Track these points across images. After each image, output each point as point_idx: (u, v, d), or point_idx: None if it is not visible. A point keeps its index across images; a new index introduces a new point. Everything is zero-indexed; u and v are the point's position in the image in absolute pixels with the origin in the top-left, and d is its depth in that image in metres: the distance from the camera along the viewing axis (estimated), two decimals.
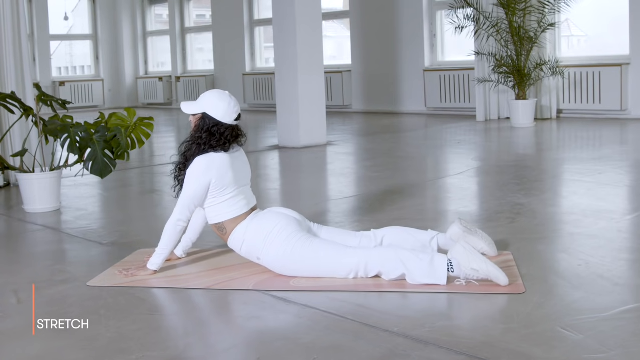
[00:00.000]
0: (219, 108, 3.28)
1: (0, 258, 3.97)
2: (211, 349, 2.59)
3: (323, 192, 5.72)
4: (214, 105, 3.29)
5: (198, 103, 3.33)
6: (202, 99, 3.33)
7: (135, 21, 16.20)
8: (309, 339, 2.58)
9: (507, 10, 9.38)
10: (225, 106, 3.29)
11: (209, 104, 3.30)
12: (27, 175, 4.95)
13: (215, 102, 3.29)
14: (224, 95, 3.32)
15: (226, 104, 3.29)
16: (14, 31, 6.07)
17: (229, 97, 3.32)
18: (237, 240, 3.30)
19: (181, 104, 3.38)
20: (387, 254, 3.10)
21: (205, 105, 3.30)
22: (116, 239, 4.19)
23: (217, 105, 3.28)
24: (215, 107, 3.28)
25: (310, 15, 7.93)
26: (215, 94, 3.33)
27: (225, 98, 3.31)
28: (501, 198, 4.90)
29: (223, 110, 3.28)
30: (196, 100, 3.38)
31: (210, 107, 3.29)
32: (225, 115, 3.29)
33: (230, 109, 3.29)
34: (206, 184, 3.24)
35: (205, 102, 3.31)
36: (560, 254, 3.56)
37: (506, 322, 2.68)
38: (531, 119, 9.39)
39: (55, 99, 5.17)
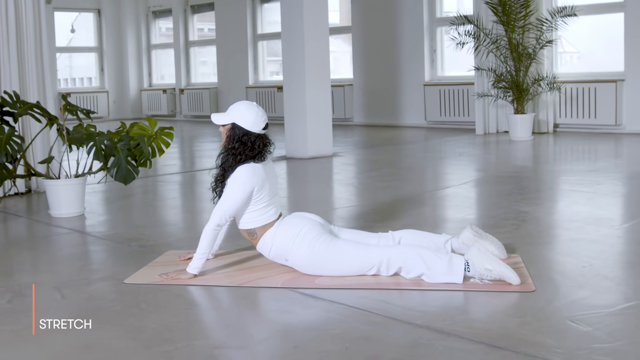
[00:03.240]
0: (247, 118, 3.51)
1: (36, 259, 4.19)
2: (250, 339, 2.81)
3: (334, 200, 5.95)
4: (243, 115, 3.51)
5: (227, 114, 3.55)
6: (231, 110, 3.55)
7: (140, 34, 16.46)
8: (339, 330, 2.80)
9: (506, 28, 9.68)
10: (253, 116, 3.51)
11: (237, 114, 3.52)
12: (53, 181, 5.17)
13: (243, 112, 3.52)
14: (252, 105, 3.55)
15: (254, 113, 3.52)
16: (36, 43, 6.30)
17: (256, 107, 3.55)
18: (266, 244, 3.53)
19: (212, 116, 3.60)
20: (408, 251, 3.34)
21: (234, 116, 3.52)
22: (142, 241, 4.41)
23: (246, 115, 3.51)
24: (243, 117, 3.51)
25: (317, 31, 8.20)
26: (243, 105, 3.55)
27: (253, 108, 3.53)
28: (506, 206, 5.14)
29: (252, 120, 3.51)
30: (225, 111, 3.60)
31: (239, 117, 3.51)
32: (253, 124, 3.51)
33: (258, 119, 3.52)
34: (249, 192, 3.46)
35: (234, 113, 3.53)
36: (565, 257, 3.79)
37: (520, 316, 2.92)
38: (529, 133, 9.66)
39: (80, 109, 5.41)
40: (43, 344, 2.75)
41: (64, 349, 2.69)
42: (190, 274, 3.51)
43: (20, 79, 6.21)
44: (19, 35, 6.21)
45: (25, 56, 6.24)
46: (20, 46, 6.22)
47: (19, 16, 6.20)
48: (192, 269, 3.51)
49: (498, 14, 9.70)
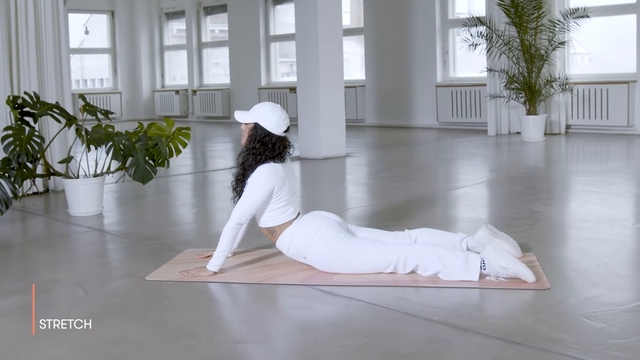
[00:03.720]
0: (270, 119, 3.57)
1: (57, 256, 4.26)
2: (271, 334, 2.88)
3: (348, 200, 6.01)
4: (266, 116, 3.58)
5: (251, 113, 3.62)
6: (255, 110, 3.62)
7: (153, 35, 16.58)
8: (359, 326, 2.87)
9: (519, 29, 9.72)
10: (276, 118, 3.58)
11: (261, 115, 3.59)
12: (72, 180, 5.25)
13: (267, 114, 3.58)
14: (276, 108, 3.61)
15: (277, 116, 3.58)
16: (54, 45, 6.39)
17: (280, 110, 3.61)
18: (285, 241, 3.60)
19: (235, 112, 3.67)
20: (425, 250, 3.40)
21: (258, 116, 3.59)
22: (161, 240, 4.48)
23: (269, 117, 3.58)
24: (267, 118, 3.57)
25: (331, 33, 8.27)
26: (267, 106, 3.61)
27: (276, 111, 3.60)
28: (519, 206, 5.19)
29: (274, 122, 3.57)
30: (249, 110, 3.66)
31: (262, 118, 3.58)
32: (275, 126, 3.58)
33: (280, 121, 3.59)
34: (269, 191, 3.52)
35: (258, 113, 3.60)
36: (579, 256, 3.84)
37: (535, 313, 2.97)
38: (541, 134, 9.70)
39: (99, 109, 5.48)
40: (73, 338, 2.82)
41: (93, 343, 2.75)
42: (210, 272, 3.57)
43: (39, 80, 6.30)
44: (38, 38, 6.30)
45: (44, 58, 6.33)
46: (40, 48, 6.31)
47: (38, 19, 6.29)
48: (213, 266, 3.57)
49: (510, 16, 9.75)
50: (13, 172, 5.02)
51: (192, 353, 2.63)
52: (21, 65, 6.22)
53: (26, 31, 6.21)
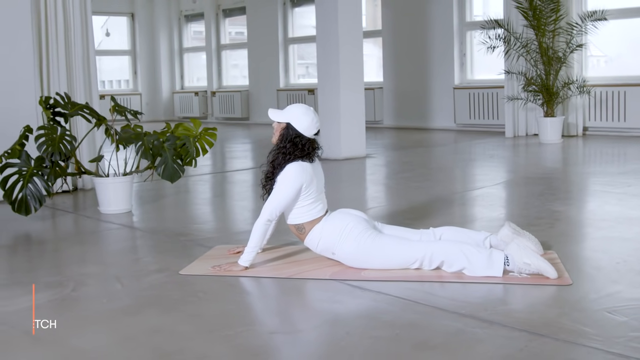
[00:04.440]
0: (302, 121, 3.70)
1: (91, 252, 4.40)
2: (304, 324, 3.00)
3: (370, 200, 6.13)
4: (299, 118, 3.70)
5: (284, 113, 3.74)
6: (289, 110, 3.74)
7: (172, 37, 16.77)
8: (388, 318, 2.98)
9: (537, 32, 9.80)
10: (308, 121, 3.70)
11: (294, 116, 3.71)
12: (103, 179, 5.40)
13: (300, 116, 3.70)
14: (309, 111, 3.73)
15: (310, 119, 3.71)
16: (83, 47, 6.55)
17: (312, 113, 3.73)
18: (314, 238, 3.72)
19: (269, 110, 3.80)
20: (450, 247, 3.51)
21: (291, 117, 3.71)
22: (190, 236, 4.61)
23: (302, 119, 3.70)
24: (299, 120, 3.70)
25: (352, 35, 8.39)
26: (301, 108, 3.73)
27: (309, 114, 3.72)
28: (539, 206, 5.28)
29: (306, 125, 3.70)
30: (283, 109, 3.79)
31: (295, 119, 3.70)
32: (307, 129, 3.70)
33: (312, 124, 3.71)
34: (298, 188, 3.65)
35: (291, 114, 3.72)
36: (599, 254, 3.93)
37: (558, 307, 3.08)
38: (559, 136, 9.77)
39: (128, 110, 5.63)
40: (113, 327, 2.95)
41: (134, 332, 2.89)
42: (241, 266, 3.69)
43: (68, 82, 6.46)
44: (67, 40, 6.46)
45: (73, 60, 6.49)
46: (69, 50, 6.47)
47: (67, 22, 6.45)
48: (244, 261, 3.70)
49: (528, 18, 9.83)
50: (46, 170, 5.17)
51: (229, 342, 2.75)
52: (51, 67, 6.38)
53: (56, 34, 6.37)
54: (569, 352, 2.57)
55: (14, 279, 3.79)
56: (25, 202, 5.06)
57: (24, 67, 6.17)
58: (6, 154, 5.20)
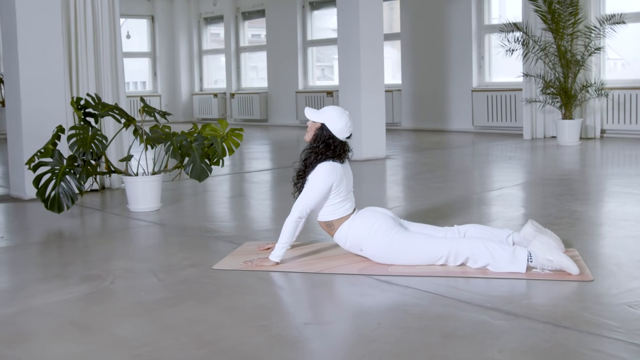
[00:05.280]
0: (337, 124, 3.83)
1: (125, 247, 4.56)
2: (337, 316, 3.13)
3: (393, 199, 6.24)
4: (334, 120, 3.83)
5: (320, 113, 3.87)
6: (325, 111, 3.87)
7: (192, 40, 16.96)
8: (417, 310, 3.10)
9: (555, 35, 9.90)
10: (343, 124, 3.83)
11: (329, 118, 3.84)
12: (133, 178, 5.55)
13: (335, 118, 3.83)
14: (344, 114, 3.86)
15: (344, 122, 3.84)
16: (111, 50, 6.71)
17: (347, 117, 3.86)
18: (343, 235, 3.85)
19: (306, 109, 3.93)
20: (475, 243, 3.63)
21: (326, 118, 3.84)
22: (219, 233, 4.76)
23: (336, 121, 3.83)
24: (334, 122, 3.83)
25: (373, 38, 8.53)
26: (337, 111, 3.86)
27: (344, 117, 3.85)
28: (559, 206, 5.39)
29: (340, 127, 3.83)
30: (319, 110, 3.92)
31: (330, 121, 3.83)
32: (340, 131, 3.83)
33: (345, 128, 3.84)
34: (329, 187, 3.78)
35: (327, 115, 3.85)
36: (620, 252, 4.04)
37: (580, 302, 3.19)
38: (577, 138, 9.86)
39: (157, 110, 5.78)
40: (154, 318, 3.09)
41: (173, 322, 3.02)
42: (272, 262, 3.83)
43: (96, 83, 6.62)
44: (96, 43, 6.62)
45: (101, 62, 6.65)
46: (97, 53, 6.63)
47: (96, 25, 6.61)
48: (275, 257, 3.83)
49: (547, 22, 9.92)
50: (78, 169, 5.33)
51: (265, 332, 2.88)
52: (80, 69, 6.54)
53: (85, 37, 6.54)
54: (593, 343, 2.68)
55: (53, 272, 3.94)
56: (57, 199, 5.22)
57: (54, 69, 6.34)
58: (39, 153, 5.36)
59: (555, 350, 2.62)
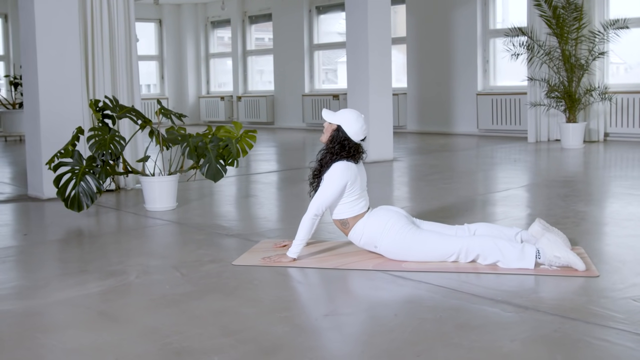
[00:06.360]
0: (353, 126, 3.99)
1: (145, 245, 4.72)
2: (355, 308, 3.28)
3: (402, 200, 6.40)
4: (350, 123, 3.99)
5: (337, 115, 4.03)
6: (342, 114, 4.03)
7: (199, 43, 17.14)
8: (431, 303, 3.26)
9: (559, 39, 10.06)
10: (358, 127, 4.00)
11: (345, 120, 4.00)
12: (150, 178, 5.71)
13: (351, 121, 4.00)
14: (360, 117, 4.02)
15: (360, 125, 4.00)
16: (126, 53, 6.88)
17: (363, 121, 4.03)
18: (357, 233, 4.01)
19: (323, 110, 4.10)
20: (486, 241, 3.79)
21: (343, 120, 4.00)
22: (235, 231, 4.91)
23: (352, 124, 3.99)
24: (350, 125, 3.99)
25: (380, 42, 8.69)
26: (354, 114, 4.03)
27: (360, 120, 4.01)
28: (564, 207, 5.54)
29: (355, 129, 3.99)
30: (336, 112, 4.08)
31: (346, 123, 3.99)
32: (355, 134, 4.00)
33: (361, 130, 4.00)
34: (343, 185, 3.94)
35: (343, 118, 4.01)
36: (624, 250, 4.19)
37: (587, 296, 3.34)
38: (580, 141, 10.01)
39: (173, 113, 5.94)
40: (183, 309, 3.25)
41: (200, 313, 3.18)
42: (290, 258, 3.98)
43: (112, 86, 6.78)
44: (112, 46, 6.79)
45: (117, 65, 6.81)
46: (113, 56, 6.79)
47: (112, 28, 6.78)
48: (292, 253, 3.99)
49: (552, 27, 10.08)
50: (97, 169, 5.49)
51: (288, 322, 3.03)
52: (96, 72, 6.71)
53: (101, 41, 6.70)
54: (600, 333, 2.83)
55: (78, 268, 4.09)
56: (77, 199, 5.38)
57: (72, 72, 6.51)
58: (59, 154, 5.52)
59: (564, 339, 2.77)
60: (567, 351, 2.66)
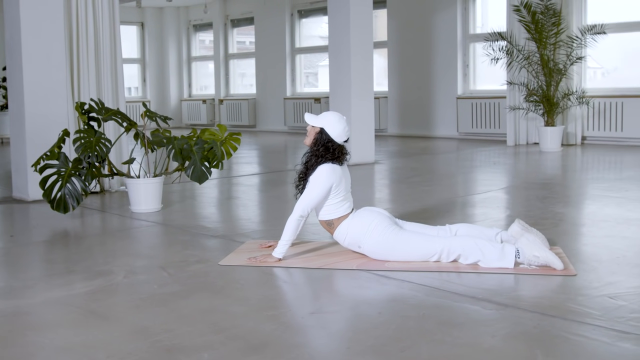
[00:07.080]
0: (336, 128, 4.08)
1: (132, 246, 4.77)
2: (340, 306, 3.36)
3: (385, 202, 6.49)
4: (333, 124, 4.08)
5: (319, 118, 4.11)
6: (324, 117, 4.12)
7: (181, 46, 17.17)
8: (414, 301, 3.35)
9: (538, 44, 10.22)
10: (341, 128, 4.08)
11: (328, 122, 4.08)
12: (135, 180, 5.76)
13: (334, 123, 4.08)
14: (342, 119, 4.11)
15: (342, 127, 4.09)
16: (111, 56, 6.93)
17: (345, 122, 4.12)
18: (342, 233, 4.09)
19: (305, 114, 4.18)
20: (466, 241, 3.89)
21: (325, 122, 4.09)
22: (220, 232, 4.98)
23: (335, 126, 4.08)
24: (333, 126, 4.07)
25: (362, 46, 8.79)
26: (336, 116, 4.11)
27: (342, 122, 4.10)
28: (543, 208, 5.66)
29: (338, 131, 4.08)
30: (318, 115, 4.17)
31: (329, 125, 4.08)
32: (339, 135, 4.08)
33: (343, 132, 4.09)
34: (329, 188, 4.03)
35: (326, 120, 4.10)
36: (601, 250, 4.31)
37: (565, 294, 3.45)
38: (558, 144, 10.18)
39: (158, 115, 6.00)
40: (171, 308, 3.31)
41: (189, 312, 3.25)
42: (275, 258, 4.06)
43: (97, 88, 6.83)
44: (97, 49, 6.83)
45: (102, 68, 6.86)
46: (98, 59, 6.84)
47: (97, 31, 6.83)
48: (278, 253, 4.07)
49: (531, 32, 10.24)
50: (83, 171, 5.53)
51: (276, 320, 3.11)
52: (81, 75, 6.75)
53: (86, 44, 6.75)
54: (577, 329, 2.93)
55: (66, 268, 4.14)
56: (63, 200, 5.43)
57: (57, 75, 6.55)
58: (45, 156, 5.56)
59: (543, 335, 2.87)
60: (546, 346, 2.76)
